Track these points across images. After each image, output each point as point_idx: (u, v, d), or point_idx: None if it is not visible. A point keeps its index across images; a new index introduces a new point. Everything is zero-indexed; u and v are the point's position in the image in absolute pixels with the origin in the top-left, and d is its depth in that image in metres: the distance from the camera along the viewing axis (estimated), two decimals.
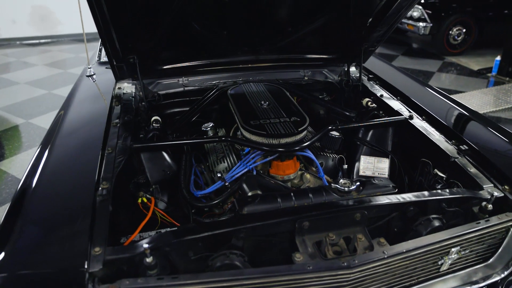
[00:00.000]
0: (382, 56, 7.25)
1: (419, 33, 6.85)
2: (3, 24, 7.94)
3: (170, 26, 1.89)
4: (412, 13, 6.84)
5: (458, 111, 2.02)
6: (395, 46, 7.86)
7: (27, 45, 8.15)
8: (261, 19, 2.05)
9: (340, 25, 2.16)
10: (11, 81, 5.99)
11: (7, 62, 7.12)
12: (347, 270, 1.14)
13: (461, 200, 1.40)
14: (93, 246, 1.16)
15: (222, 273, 1.12)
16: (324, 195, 1.37)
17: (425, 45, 7.90)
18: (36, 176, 1.44)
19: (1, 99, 5.25)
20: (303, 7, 2.04)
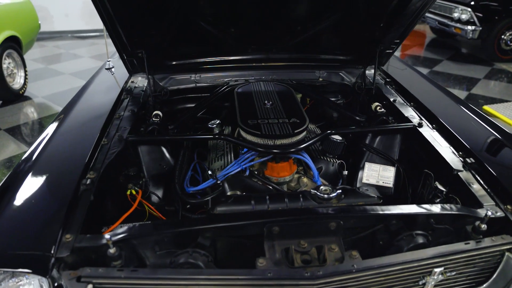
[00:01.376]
0: (425, 60, 6.92)
1: (466, 37, 6.45)
2: (56, 18, 8.46)
3: (175, 21, 1.90)
4: (460, 15, 6.45)
5: (475, 122, 1.86)
6: (440, 50, 7.47)
7: (77, 37, 8.62)
8: (268, 17, 2.02)
9: (352, 26, 2.07)
10: (58, 71, 6.37)
11: (57, 54, 7.58)
12: (309, 281, 1.09)
13: (452, 217, 1.29)
14: (65, 233, 1.20)
15: (180, 271, 1.12)
16: (301, 200, 1.32)
17: (474, 50, 7.43)
18: (31, 161, 1.52)
19: (46, 88, 5.60)
20: (311, 6, 1.98)
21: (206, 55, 2.25)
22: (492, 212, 1.29)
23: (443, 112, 1.93)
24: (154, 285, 1.11)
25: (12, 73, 5.10)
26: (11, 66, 5.06)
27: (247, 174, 1.76)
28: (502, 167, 1.51)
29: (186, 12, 1.86)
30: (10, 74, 5.03)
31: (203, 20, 1.96)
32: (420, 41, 8.57)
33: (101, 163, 1.54)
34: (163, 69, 2.27)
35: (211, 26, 2.00)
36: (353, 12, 1.95)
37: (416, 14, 1.88)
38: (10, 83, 5.00)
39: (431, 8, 7.20)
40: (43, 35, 8.09)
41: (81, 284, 1.09)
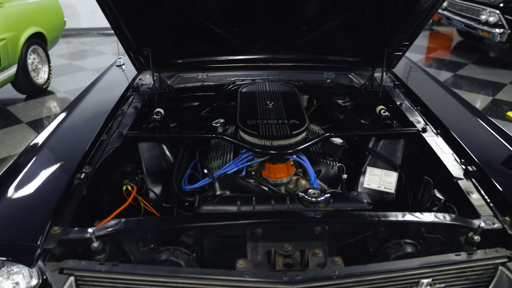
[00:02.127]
0: (450, 63, 6.72)
1: (494, 40, 6.20)
2: (83, 15, 8.70)
3: (178, 20, 1.92)
4: (488, 18, 6.21)
5: (484, 129, 1.79)
6: (466, 54, 7.23)
7: (102, 34, 8.84)
8: (272, 17, 2.01)
9: (358, 27, 2.03)
10: (81, 67, 6.55)
11: (82, 50, 7.79)
12: (287, 285, 1.07)
13: (443, 226, 1.24)
14: (54, 225, 1.23)
15: (159, 268, 1.12)
16: (287, 203, 1.30)
17: (502, 53, 7.15)
18: (30, 154, 1.56)
19: (69, 83, 5.77)
20: (315, 6, 1.95)
21: (212, 54, 2.26)
22: (487, 223, 1.24)
23: (450, 117, 1.87)
24: (134, 280, 1.12)
25: (36, 68, 5.28)
26: (35, 61, 5.24)
27: (243, 174, 1.76)
28: (505, 177, 1.44)
29: (189, 11, 1.87)
30: (34, 69, 5.21)
31: (206, 19, 1.97)
32: (446, 44, 8.33)
33: (97, 158, 1.57)
34: (170, 67, 2.30)
35: (214, 25, 2.01)
36: (359, 13, 1.91)
37: (423, 15, 1.82)
38: (34, 78, 5.17)
39: (457, 10, 6.98)
40: (70, 32, 8.36)
41: (63, 276, 1.12)
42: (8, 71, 4.62)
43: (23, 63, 4.84)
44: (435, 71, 6.49)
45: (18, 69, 4.80)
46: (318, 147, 1.96)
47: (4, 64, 4.44)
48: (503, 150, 1.61)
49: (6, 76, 4.59)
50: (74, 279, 1.13)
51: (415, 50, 7.53)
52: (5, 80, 4.60)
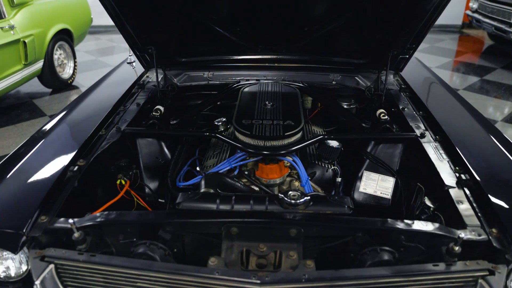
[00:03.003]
0: (478, 68, 6.48)
1: None
2: None
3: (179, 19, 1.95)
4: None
5: (486, 138, 1.73)
6: (496, 58, 6.95)
7: None
8: (273, 18, 2.01)
9: (361, 29, 2.00)
10: (106, 63, 6.75)
11: (109, 47, 8.02)
12: (255, 285, 1.07)
13: (423, 235, 1.21)
14: (42, 215, 1.28)
15: (133, 261, 1.15)
16: (266, 204, 1.30)
17: None
18: (30, 146, 1.63)
19: (93, 79, 5.91)
20: (316, 7, 1.94)
21: (216, 53, 2.28)
22: (472, 234, 1.19)
23: (451, 124, 1.81)
24: (110, 271, 1.16)
25: (62, 64, 5.48)
26: (61, 57, 5.44)
27: (235, 173, 1.77)
28: (498, 188, 1.38)
29: (189, 10, 1.90)
30: (60, 65, 5.42)
31: (207, 19, 1.99)
32: (476, 47, 8.04)
33: (93, 152, 1.62)
34: (175, 65, 2.34)
35: (216, 25, 2.03)
36: (360, 15, 1.88)
37: (427, 18, 1.77)
38: (59, 72, 5.38)
39: (488, 13, 6.72)
40: (98, 29, 8.60)
41: (43, 263, 1.17)
42: (35, 65, 4.82)
43: (49, 58, 5.05)
44: (462, 76, 6.28)
45: (44, 64, 5.00)
46: (314, 149, 1.95)
47: (31, 59, 4.64)
48: (502, 161, 1.55)
49: (32, 71, 4.80)
50: (54, 267, 1.18)
51: (442, 53, 7.31)
52: (31, 74, 4.81)
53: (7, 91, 4.47)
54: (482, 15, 6.97)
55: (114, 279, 1.18)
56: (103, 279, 1.20)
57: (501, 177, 1.45)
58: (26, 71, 4.65)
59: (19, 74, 4.53)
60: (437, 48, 7.65)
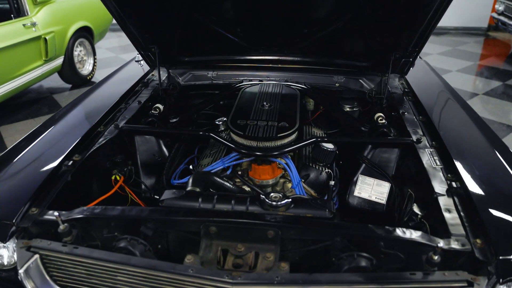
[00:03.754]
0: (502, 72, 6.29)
1: None
2: None
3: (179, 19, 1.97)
4: None
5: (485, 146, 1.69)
6: None
7: None
8: (272, 19, 2.01)
9: (362, 31, 1.97)
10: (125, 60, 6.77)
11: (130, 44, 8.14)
12: (227, 284, 1.09)
13: (402, 243, 1.19)
14: (33, 206, 1.34)
15: (113, 255, 1.18)
16: (247, 204, 1.31)
17: None
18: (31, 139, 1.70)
19: None
20: (315, 9, 1.93)
21: (218, 53, 2.30)
22: (449, 244, 1.17)
23: (450, 130, 1.77)
24: (91, 264, 1.20)
25: (82, 60, 5.64)
26: (81, 53, 5.60)
27: (227, 173, 1.79)
28: (489, 198, 1.34)
29: (189, 11, 1.92)
30: (80, 61, 5.57)
31: (207, 19, 2.01)
32: (502, 51, 7.76)
33: (89, 148, 1.67)
34: (178, 64, 2.37)
35: (215, 25, 2.04)
36: (360, 17, 1.86)
37: (428, 21, 1.73)
38: (79, 69, 5.53)
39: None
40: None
41: (29, 253, 1.21)
42: (55, 61, 4.98)
43: (69, 54, 5.20)
44: (485, 80, 6.09)
45: (65, 60, 5.16)
46: (309, 151, 1.94)
47: (51, 55, 4.80)
48: (498, 172, 1.50)
49: (53, 66, 4.96)
50: (40, 257, 1.22)
51: (464, 56, 7.11)
52: (52, 70, 4.97)
53: (28, 85, 4.64)
54: (508, 17, 6.73)
55: (95, 271, 1.22)
56: (86, 271, 1.24)
57: (493, 188, 1.40)
58: (46, 67, 4.82)
59: (39, 70, 4.69)
60: (460, 51, 7.44)
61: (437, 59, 6.91)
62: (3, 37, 4.12)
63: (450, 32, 8.67)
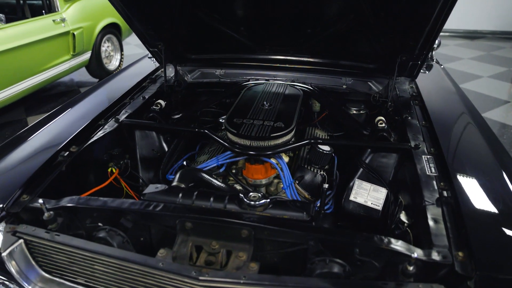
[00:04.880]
0: None
1: None
2: None
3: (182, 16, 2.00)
4: None
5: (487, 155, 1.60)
6: None
7: None
8: (275, 18, 1.99)
9: (364, 32, 1.92)
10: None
11: None
12: (193, 280, 1.09)
13: (377, 250, 1.15)
14: (24, 193, 1.39)
15: (90, 244, 1.21)
16: (225, 202, 1.31)
17: None
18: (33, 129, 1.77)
19: None
20: (318, 9, 1.89)
21: (225, 51, 2.31)
22: (426, 255, 1.12)
23: (452, 137, 1.70)
24: (70, 251, 1.24)
25: (109, 56, 5.82)
26: (109, 49, 5.78)
27: (220, 171, 1.80)
28: (479, 210, 1.28)
29: (192, 9, 1.94)
30: (107, 56, 5.76)
31: (210, 17, 2.02)
32: None
33: (87, 139, 1.72)
34: (186, 62, 2.40)
35: (219, 24, 2.05)
36: (362, 17, 1.81)
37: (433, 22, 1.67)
38: (106, 64, 5.72)
39: None
40: None
41: (13, 238, 1.27)
42: (83, 56, 5.18)
43: (97, 50, 5.39)
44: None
45: (92, 55, 5.35)
46: (306, 153, 1.92)
47: (79, 50, 4.99)
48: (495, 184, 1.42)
49: (80, 61, 5.16)
50: (24, 242, 1.28)
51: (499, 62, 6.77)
52: (79, 64, 5.17)
53: (55, 79, 4.85)
54: None
55: (75, 259, 1.26)
56: (67, 258, 1.28)
57: (486, 202, 1.33)
58: (74, 61, 5.01)
59: (67, 64, 4.89)
60: (494, 56, 7.10)
61: (468, 64, 6.63)
62: (34, 32, 4.32)
63: (486, 36, 8.29)
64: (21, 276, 1.27)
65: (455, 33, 8.38)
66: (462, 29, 8.36)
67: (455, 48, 7.54)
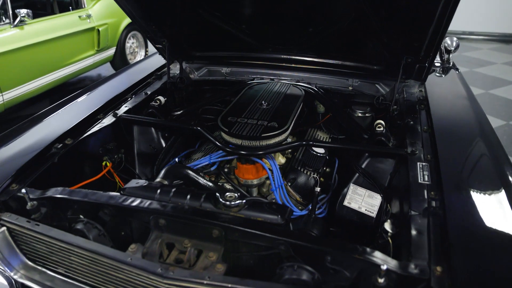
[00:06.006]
0: None
1: None
2: None
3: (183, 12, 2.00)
4: None
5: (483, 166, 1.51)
6: None
7: None
8: (276, 16, 1.96)
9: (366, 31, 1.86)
10: None
11: None
12: (158, 277, 1.09)
13: (348, 260, 1.10)
14: (14, 182, 1.44)
15: (66, 235, 1.23)
16: (201, 201, 1.29)
17: None
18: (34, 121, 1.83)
19: None
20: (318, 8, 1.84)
21: (229, 49, 2.30)
22: (404, 267, 1.06)
23: (453, 146, 1.61)
24: (48, 241, 1.26)
25: (133, 52, 5.96)
26: (134, 45, 5.92)
27: (212, 169, 1.79)
28: (465, 223, 1.20)
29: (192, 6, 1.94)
30: (132, 52, 5.90)
31: (211, 14, 2.01)
32: None
33: (83, 133, 1.75)
34: (191, 59, 2.41)
35: (219, 21, 2.04)
36: (363, 16, 1.75)
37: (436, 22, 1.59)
38: (130, 60, 5.86)
39: None
40: None
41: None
42: (107, 52, 5.33)
43: (121, 46, 5.53)
44: None
45: (116, 51, 5.49)
46: (300, 155, 1.88)
47: (103, 45, 5.13)
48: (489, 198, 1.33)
49: (104, 57, 5.31)
50: (7, 229, 1.32)
51: None
52: (103, 60, 5.32)
53: (80, 73, 5.01)
54: None
55: (54, 249, 1.28)
56: (46, 248, 1.31)
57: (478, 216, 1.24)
58: (98, 57, 5.16)
59: (91, 59, 5.04)
60: None
61: (500, 69, 6.31)
62: (60, 27, 4.49)
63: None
64: (3, 262, 1.31)
65: (490, 36, 8.00)
66: (497, 33, 7.98)
67: (488, 52, 7.20)
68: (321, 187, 1.87)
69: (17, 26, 3.96)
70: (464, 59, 6.74)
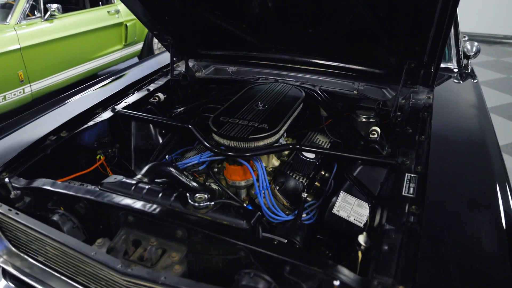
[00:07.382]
0: None
1: None
2: None
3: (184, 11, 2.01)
4: None
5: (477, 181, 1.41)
6: None
7: None
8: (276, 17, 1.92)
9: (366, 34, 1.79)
10: None
11: None
12: (117, 273, 1.10)
13: (306, 272, 1.06)
14: (5, 172, 1.50)
15: (40, 225, 1.27)
16: (171, 200, 1.29)
17: None
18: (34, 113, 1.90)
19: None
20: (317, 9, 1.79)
21: (233, 49, 2.29)
22: (356, 284, 1.01)
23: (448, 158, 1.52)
24: (25, 230, 1.31)
25: (161, 47, 6.07)
26: None
27: (200, 168, 1.79)
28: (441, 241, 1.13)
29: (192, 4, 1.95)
30: (159, 48, 6.01)
31: (211, 13, 2.01)
32: None
33: (79, 126, 1.80)
34: (196, 57, 2.42)
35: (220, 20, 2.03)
36: (360, 19, 1.68)
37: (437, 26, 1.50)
38: None
39: None
40: None
41: None
42: (135, 47, 5.47)
43: (149, 41, 5.66)
44: None
45: (144, 46, 5.63)
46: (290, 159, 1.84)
47: (131, 40, 5.27)
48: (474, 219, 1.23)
49: (132, 51, 5.45)
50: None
51: None
52: (131, 54, 5.47)
53: (107, 66, 5.18)
54: None
55: (32, 238, 1.33)
56: (25, 236, 1.36)
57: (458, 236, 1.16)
58: (125, 51, 5.31)
59: (118, 53, 5.19)
60: None
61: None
62: (90, 21, 4.65)
63: None
64: None
65: None
66: None
67: None
68: (315, 192, 1.84)
69: (48, 20, 4.14)
70: (502, 64, 6.37)
